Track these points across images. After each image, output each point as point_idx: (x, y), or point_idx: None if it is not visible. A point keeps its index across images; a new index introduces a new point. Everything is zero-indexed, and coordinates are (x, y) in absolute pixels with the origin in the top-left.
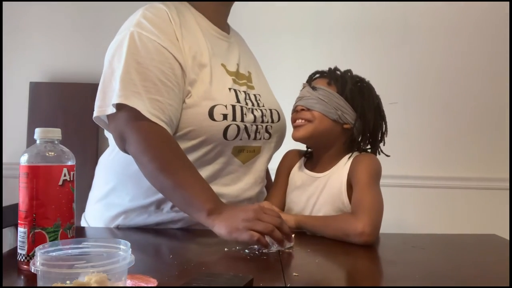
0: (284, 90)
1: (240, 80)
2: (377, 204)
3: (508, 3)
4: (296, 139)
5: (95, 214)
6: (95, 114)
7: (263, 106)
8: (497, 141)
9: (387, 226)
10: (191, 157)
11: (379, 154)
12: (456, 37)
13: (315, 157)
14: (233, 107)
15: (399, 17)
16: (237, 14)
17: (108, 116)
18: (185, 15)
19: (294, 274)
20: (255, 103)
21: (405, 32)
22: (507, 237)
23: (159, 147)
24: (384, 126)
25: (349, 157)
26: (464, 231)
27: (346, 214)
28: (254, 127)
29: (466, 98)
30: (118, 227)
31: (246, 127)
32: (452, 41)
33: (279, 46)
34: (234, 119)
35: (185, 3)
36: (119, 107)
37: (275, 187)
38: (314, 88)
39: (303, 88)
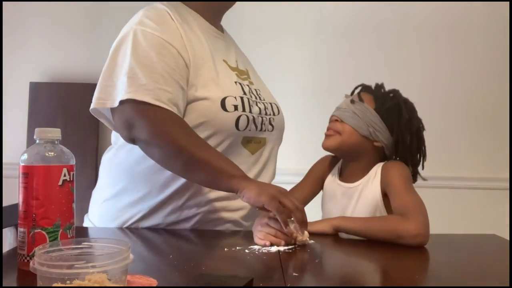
0: (284, 90)
1: (241, 75)
2: (422, 205)
3: (508, 3)
4: (324, 147)
5: (103, 213)
6: (93, 105)
7: (264, 100)
8: (497, 141)
9: None
10: None
11: (418, 173)
12: (456, 37)
13: (345, 166)
14: (242, 98)
15: (399, 17)
16: (237, 14)
17: (112, 109)
18: (184, 14)
19: (294, 274)
20: (257, 97)
21: (405, 32)
22: (507, 237)
23: (176, 128)
24: (423, 150)
25: (378, 166)
26: (464, 231)
27: (394, 216)
28: (260, 118)
29: (466, 98)
30: (122, 227)
31: (254, 118)
32: (452, 41)
33: (278, 46)
34: (243, 109)
35: (182, 4)
36: (125, 100)
37: (302, 182)
38: (352, 102)
39: (346, 98)
